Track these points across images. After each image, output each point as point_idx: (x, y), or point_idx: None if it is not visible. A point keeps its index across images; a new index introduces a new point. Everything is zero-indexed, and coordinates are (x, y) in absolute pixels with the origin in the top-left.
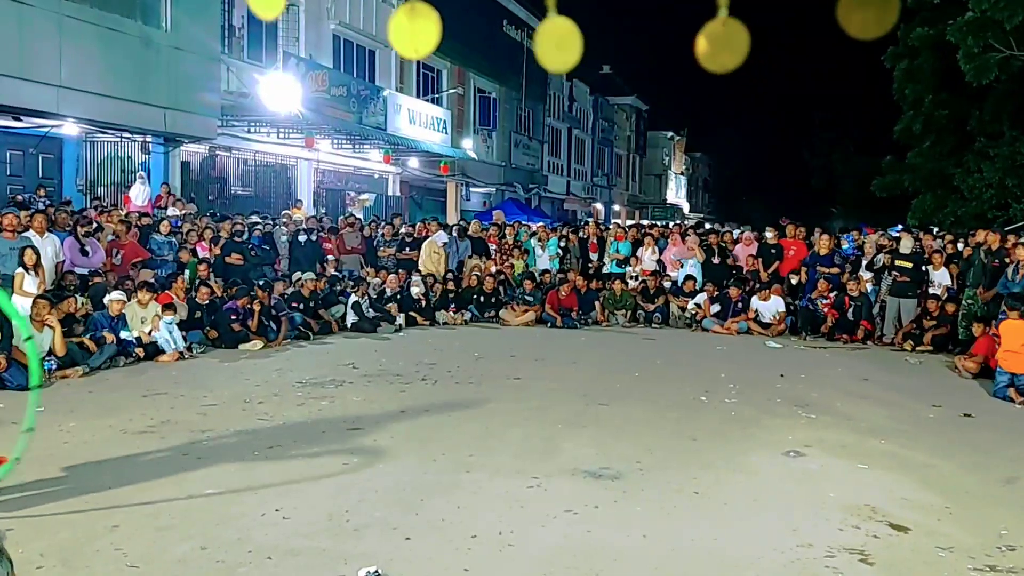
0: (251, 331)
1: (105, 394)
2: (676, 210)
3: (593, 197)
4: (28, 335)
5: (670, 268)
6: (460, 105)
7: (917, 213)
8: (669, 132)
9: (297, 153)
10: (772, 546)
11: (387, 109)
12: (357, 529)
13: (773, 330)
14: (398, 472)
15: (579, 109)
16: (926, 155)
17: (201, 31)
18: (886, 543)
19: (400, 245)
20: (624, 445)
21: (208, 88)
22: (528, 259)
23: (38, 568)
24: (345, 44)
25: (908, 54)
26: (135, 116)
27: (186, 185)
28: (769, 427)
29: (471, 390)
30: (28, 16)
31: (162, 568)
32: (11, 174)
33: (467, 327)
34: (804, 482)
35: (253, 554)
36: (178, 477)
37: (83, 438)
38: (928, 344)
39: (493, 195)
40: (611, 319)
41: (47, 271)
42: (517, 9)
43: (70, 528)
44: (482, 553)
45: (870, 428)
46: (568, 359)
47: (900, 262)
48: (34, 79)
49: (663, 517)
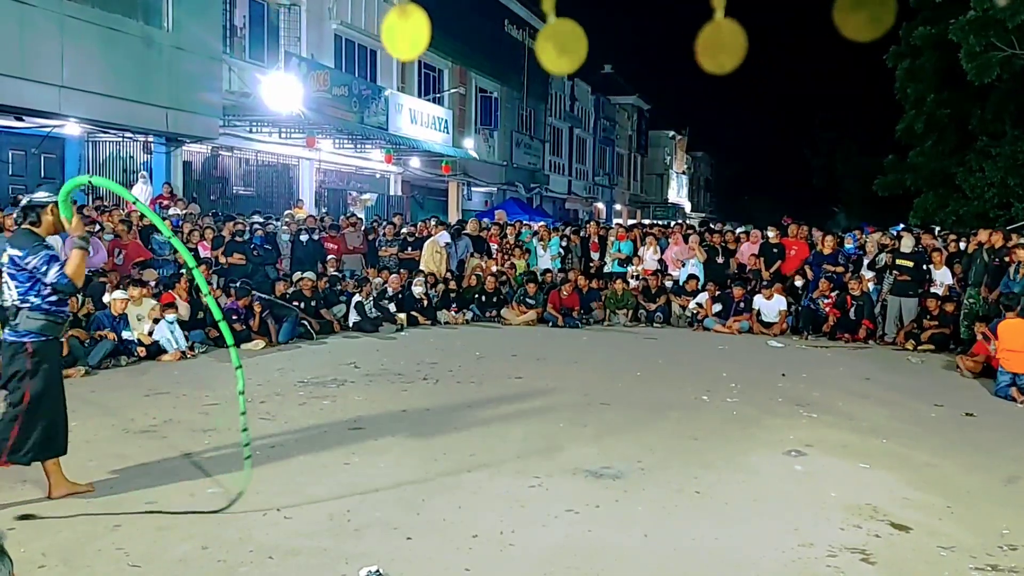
0: (253, 331)
1: (107, 393)
2: (678, 209)
3: (595, 197)
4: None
5: (672, 267)
6: (461, 105)
7: (919, 212)
8: (671, 131)
9: (299, 153)
10: (773, 546)
11: (389, 109)
12: (358, 529)
13: (775, 329)
14: (399, 472)
15: (581, 108)
16: (928, 154)
17: (203, 31)
18: (887, 542)
19: (402, 245)
20: (625, 444)
21: (210, 88)
22: (530, 259)
23: (40, 568)
24: (347, 44)
25: (910, 53)
26: (137, 116)
27: (188, 185)
28: (770, 427)
29: (472, 389)
30: (30, 16)
31: (163, 567)
32: (13, 174)
33: (468, 327)
34: (805, 482)
35: (254, 553)
36: (179, 477)
37: (85, 437)
38: (927, 343)
39: (495, 195)
40: (613, 319)
41: None
42: (519, 8)
43: (71, 528)
44: (483, 553)
45: (872, 427)
46: (569, 359)
47: (901, 261)
48: (36, 79)
49: (664, 517)
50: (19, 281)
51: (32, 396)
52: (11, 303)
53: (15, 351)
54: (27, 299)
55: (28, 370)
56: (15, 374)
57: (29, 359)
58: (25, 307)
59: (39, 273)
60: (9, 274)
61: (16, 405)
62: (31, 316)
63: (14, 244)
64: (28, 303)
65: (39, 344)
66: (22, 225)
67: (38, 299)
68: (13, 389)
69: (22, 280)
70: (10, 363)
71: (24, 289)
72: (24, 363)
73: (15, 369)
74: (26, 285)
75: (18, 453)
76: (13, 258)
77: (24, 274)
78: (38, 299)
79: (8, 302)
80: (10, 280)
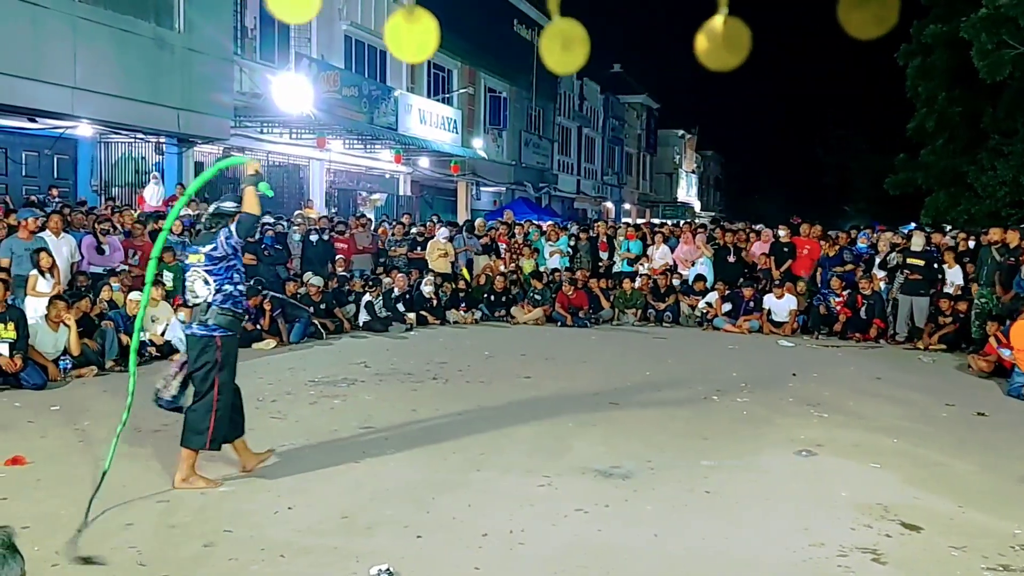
0: (264, 330)
1: (120, 392)
2: (687, 208)
3: (604, 196)
4: None
5: (682, 267)
6: (471, 105)
7: (930, 211)
8: (680, 130)
9: (309, 153)
10: (784, 545)
11: (398, 109)
12: (368, 527)
13: (785, 329)
14: (409, 470)
15: (589, 108)
16: (939, 153)
17: (214, 32)
18: (899, 542)
19: (411, 244)
20: (635, 444)
21: (221, 89)
22: (538, 258)
23: (53, 566)
24: (356, 45)
25: (921, 51)
26: (149, 117)
27: None
28: (781, 426)
29: (482, 389)
30: (42, 18)
31: (175, 565)
32: (27, 175)
33: (478, 326)
34: (816, 481)
35: (265, 552)
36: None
37: (98, 436)
38: (936, 342)
39: (503, 194)
40: (622, 318)
41: (63, 272)
42: (527, 8)
43: (85, 526)
44: (493, 552)
45: (882, 427)
46: (579, 358)
47: (912, 260)
48: (49, 80)
49: (674, 516)
50: (216, 274)
51: (220, 386)
52: (202, 300)
53: (205, 344)
54: (223, 289)
55: (217, 362)
56: (204, 365)
57: (218, 352)
58: (216, 303)
59: (229, 244)
60: (206, 271)
61: (206, 395)
62: (221, 312)
63: (203, 243)
64: (223, 292)
65: (226, 339)
66: (210, 229)
67: (231, 287)
68: (201, 379)
69: (220, 271)
70: (200, 354)
71: (221, 280)
72: (214, 355)
73: (205, 360)
74: (224, 276)
75: (216, 441)
76: (208, 254)
77: (221, 264)
78: (231, 287)
79: (199, 299)
80: (207, 276)
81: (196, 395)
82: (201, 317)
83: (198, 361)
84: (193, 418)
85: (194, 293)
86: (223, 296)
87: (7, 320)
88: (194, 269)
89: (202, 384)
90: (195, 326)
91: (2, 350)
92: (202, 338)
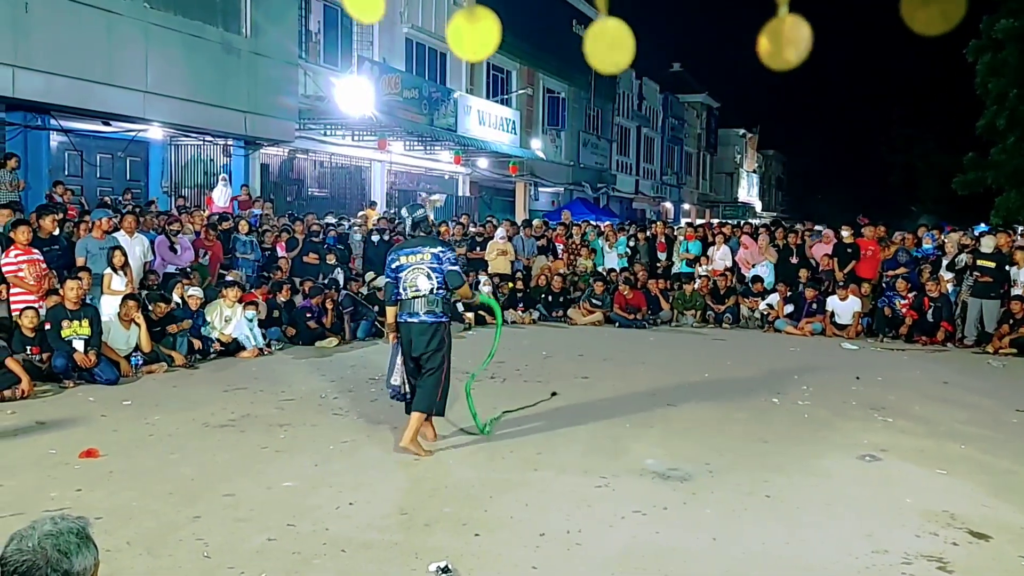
0: (327, 328)
1: (188, 388)
2: (748, 209)
3: (662, 196)
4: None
5: (743, 268)
6: (529, 105)
7: (1001, 211)
8: (741, 129)
9: (371, 155)
10: (846, 551)
11: (457, 111)
12: (427, 524)
13: (849, 331)
14: (467, 468)
15: (648, 107)
16: (1010, 151)
17: (280, 36)
18: (966, 551)
19: (470, 244)
20: (693, 446)
21: (286, 92)
22: (596, 258)
23: (124, 555)
24: (417, 47)
25: (991, 47)
26: (217, 120)
27: (265, 187)
28: (843, 430)
29: (539, 388)
30: (116, 24)
31: (241, 558)
32: (101, 176)
33: (535, 326)
34: (880, 487)
35: (328, 546)
36: (257, 470)
37: (167, 431)
38: (1006, 346)
39: (561, 195)
40: (681, 319)
41: (135, 271)
42: (586, 8)
43: (154, 518)
44: (550, 551)
45: (949, 432)
46: (636, 359)
47: (982, 262)
48: (122, 85)
49: (733, 520)
50: (438, 273)
51: (447, 363)
52: (427, 292)
53: (436, 328)
54: (440, 289)
55: (446, 343)
56: (436, 346)
57: (446, 334)
58: (439, 296)
59: (449, 263)
60: (431, 267)
61: (435, 371)
62: (444, 301)
63: (433, 244)
64: (441, 291)
65: (449, 324)
66: (418, 234)
67: (443, 290)
68: (429, 358)
69: (439, 273)
70: (432, 338)
71: (440, 280)
72: (442, 337)
73: (437, 342)
74: (440, 278)
75: (442, 408)
76: (438, 255)
77: (440, 268)
78: (443, 290)
79: (421, 292)
80: (432, 272)
81: (427, 372)
82: (429, 307)
83: (431, 344)
84: (425, 389)
85: (416, 287)
86: (444, 290)
87: (82, 317)
88: (417, 267)
89: (432, 361)
90: (423, 315)
91: (77, 346)
92: (432, 324)
